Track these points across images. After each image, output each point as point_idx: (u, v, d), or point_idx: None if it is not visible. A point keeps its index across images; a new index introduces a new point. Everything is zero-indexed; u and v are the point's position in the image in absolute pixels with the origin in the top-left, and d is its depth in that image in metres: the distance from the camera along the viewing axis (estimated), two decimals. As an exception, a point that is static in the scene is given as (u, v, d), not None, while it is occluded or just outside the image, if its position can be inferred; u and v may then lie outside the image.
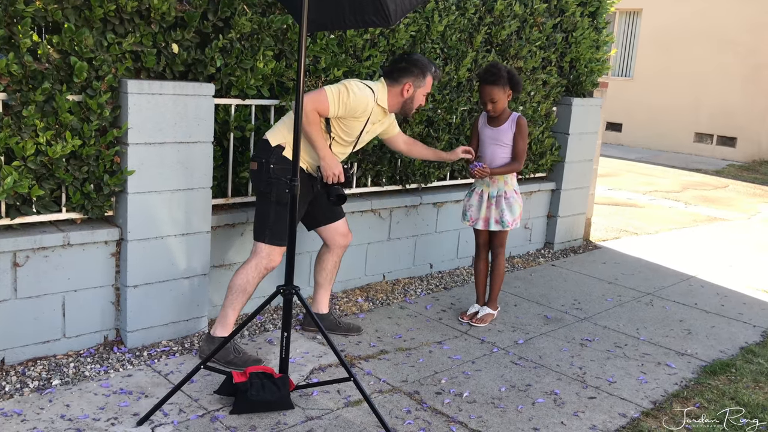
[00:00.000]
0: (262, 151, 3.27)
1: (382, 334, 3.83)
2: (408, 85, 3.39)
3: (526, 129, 3.91)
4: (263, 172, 3.25)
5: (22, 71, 2.83)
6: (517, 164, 3.92)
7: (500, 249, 4.08)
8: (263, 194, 3.28)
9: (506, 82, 3.82)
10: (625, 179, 10.21)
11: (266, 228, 3.26)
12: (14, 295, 3.04)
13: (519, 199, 4.03)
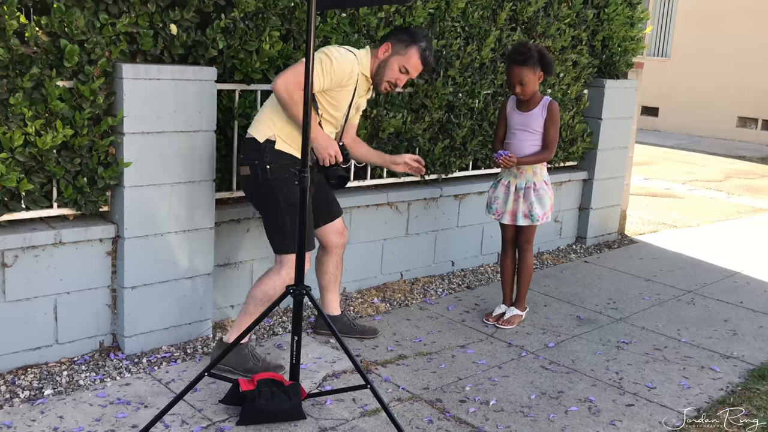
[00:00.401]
0: (251, 152, 3.10)
1: (400, 337, 3.76)
2: (387, 45, 3.23)
3: (558, 115, 3.81)
4: (260, 176, 3.09)
5: (9, 56, 2.79)
6: (547, 153, 3.82)
7: (528, 245, 3.99)
8: (267, 201, 3.13)
9: (536, 63, 3.72)
10: (663, 168, 10.05)
11: (286, 237, 3.12)
12: (2, 298, 3.01)
13: (550, 190, 3.93)
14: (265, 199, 3.13)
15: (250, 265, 3.84)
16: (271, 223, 3.17)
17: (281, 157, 3.08)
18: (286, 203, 3.08)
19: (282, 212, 3.10)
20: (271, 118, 3.09)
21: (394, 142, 4.31)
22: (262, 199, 3.16)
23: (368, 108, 4.14)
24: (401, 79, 3.28)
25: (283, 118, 3.08)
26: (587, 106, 5.53)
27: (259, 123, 3.13)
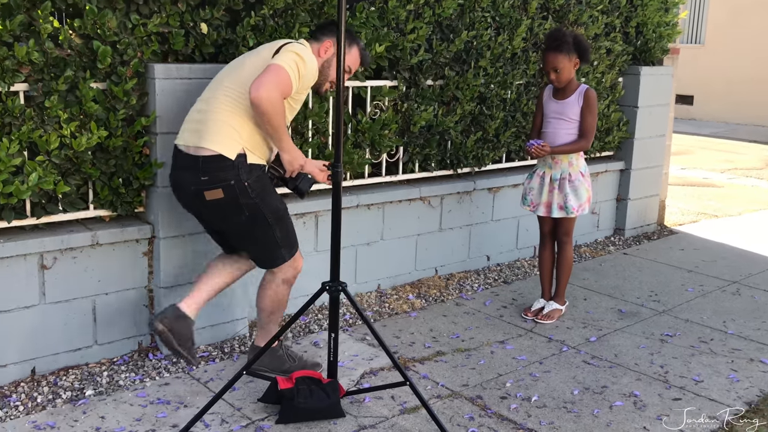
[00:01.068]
0: (220, 172, 2.74)
1: (437, 333, 3.74)
2: (329, 43, 2.97)
3: (595, 103, 3.75)
4: (239, 197, 2.78)
5: (44, 59, 2.83)
6: (584, 142, 3.76)
7: (566, 238, 3.94)
8: (254, 221, 2.85)
9: (572, 49, 3.67)
10: (700, 157, 9.88)
11: (278, 250, 2.95)
12: (43, 300, 3.06)
13: (586, 182, 3.87)
14: (251, 221, 2.85)
15: (285, 264, 3.84)
16: (259, 242, 2.93)
17: (255, 170, 2.82)
18: (274, 216, 2.88)
19: (271, 227, 2.89)
20: (235, 129, 2.76)
21: (426, 135, 4.28)
22: (246, 222, 2.85)
23: (398, 102, 4.13)
24: (345, 78, 2.95)
25: (249, 128, 2.79)
26: (623, 95, 5.45)
27: (221, 136, 2.75)
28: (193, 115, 2.87)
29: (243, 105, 2.77)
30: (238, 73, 2.82)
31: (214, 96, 2.81)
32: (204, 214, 2.92)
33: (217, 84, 2.85)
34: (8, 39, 2.76)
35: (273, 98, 2.66)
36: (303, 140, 3.79)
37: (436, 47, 4.14)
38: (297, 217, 3.82)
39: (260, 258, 3.01)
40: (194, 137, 2.79)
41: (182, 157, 2.82)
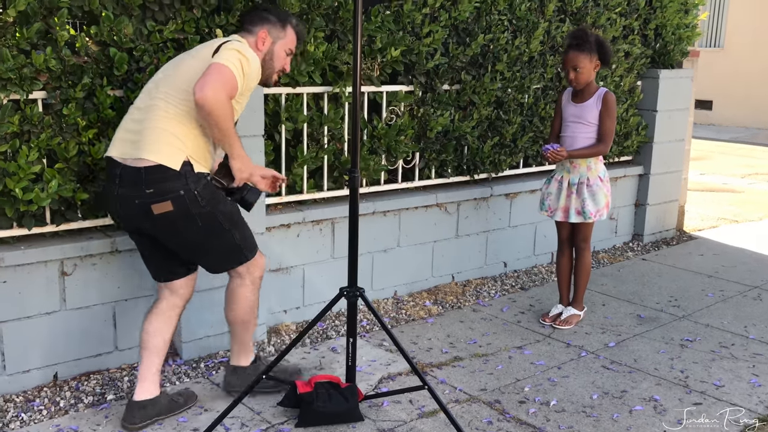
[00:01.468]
0: (167, 183, 2.54)
1: (454, 339, 3.74)
2: (264, 33, 2.80)
3: (614, 106, 3.72)
4: (191, 207, 2.59)
5: (61, 66, 2.88)
6: (602, 146, 3.74)
7: (584, 244, 3.92)
8: (210, 230, 2.68)
9: (593, 49, 3.66)
10: (719, 162, 9.79)
11: (240, 252, 2.80)
12: (63, 306, 3.09)
13: (605, 187, 3.84)
14: (206, 230, 2.67)
15: (302, 270, 3.86)
16: (218, 250, 2.77)
17: (201, 178, 2.63)
18: (229, 222, 2.73)
19: (228, 231, 2.74)
20: (177, 137, 2.57)
21: (442, 141, 4.29)
22: (201, 232, 2.66)
23: (414, 107, 4.14)
24: (287, 63, 2.91)
25: (193, 135, 2.61)
26: (641, 98, 5.43)
27: (163, 145, 2.55)
28: (128, 125, 2.64)
29: (184, 111, 2.57)
30: (176, 76, 2.63)
31: (153, 103, 2.60)
32: (150, 230, 2.67)
33: (154, 89, 2.64)
34: (26, 47, 2.81)
35: (220, 98, 2.47)
36: (319, 147, 3.81)
37: (453, 51, 4.15)
38: (314, 224, 3.85)
39: (221, 265, 2.83)
40: (132, 148, 2.57)
41: (120, 169, 2.58)
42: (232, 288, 2.89)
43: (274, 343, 3.62)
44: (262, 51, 2.82)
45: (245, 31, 2.85)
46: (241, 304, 2.89)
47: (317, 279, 3.93)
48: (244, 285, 2.87)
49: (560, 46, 4.71)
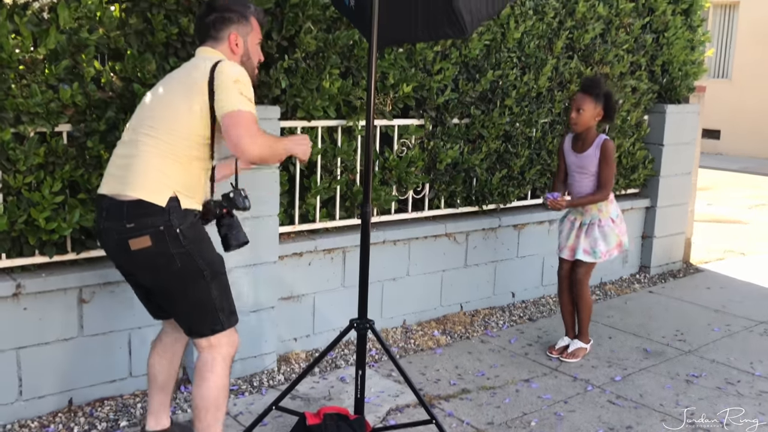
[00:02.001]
0: (147, 218, 2.42)
1: (462, 371, 3.79)
2: (233, 35, 2.65)
3: (612, 154, 3.81)
4: (171, 246, 2.44)
5: (86, 101, 2.99)
6: (600, 194, 3.84)
7: (581, 284, 3.96)
8: (186, 274, 2.49)
9: (601, 99, 3.78)
10: (727, 193, 9.84)
11: (215, 313, 2.56)
12: (81, 333, 3.18)
13: (618, 227, 3.94)
14: (182, 273, 2.49)
15: (312, 298, 3.94)
16: (192, 301, 2.54)
17: (189, 215, 2.51)
18: (210, 270, 2.53)
19: (207, 283, 2.53)
20: (164, 172, 2.45)
21: (452, 172, 4.38)
22: (177, 275, 2.49)
23: (425, 140, 4.24)
24: (261, 54, 2.82)
25: (180, 169, 2.49)
26: (648, 132, 5.51)
27: (148, 181, 2.44)
28: (116, 160, 2.55)
29: (170, 145, 2.47)
30: (161, 110, 2.51)
31: (138, 138, 2.50)
32: (129, 267, 2.58)
33: (138, 125, 2.53)
34: (54, 82, 2.92)
35: (257, 143, 2.44)
36: (332, 177, 3.90)
37: (462, 87, 4.26)
38: (325, 253, 3.93)
39: (193, 323, 2.58)
40: (118, 183, 2.48)
41: (107, 202, 2.49)
42: (201, 364, 2.59)
43: (284, 371, 3.68)
44: (238, 54, 2.68)
45: (212, 40, 2.66)
46: (211, 388, 2.57)
47: (327, 307, 4.00)
48: (215, 362, 2.58)
49: (568, 81, 4.81)
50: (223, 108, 2.45)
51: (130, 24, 3.08)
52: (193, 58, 2.66)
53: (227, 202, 2.67)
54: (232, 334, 2.63)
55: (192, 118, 2.47)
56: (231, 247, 2.69)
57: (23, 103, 2.81)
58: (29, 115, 2.86)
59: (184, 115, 2.47)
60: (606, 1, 4.90)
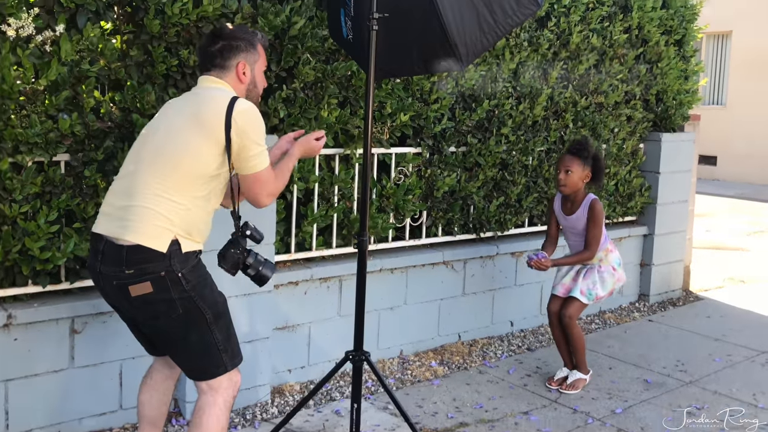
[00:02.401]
0: (147, 264, 2.35)
1: (460, 403, 3.75)
2: (242, 64, 2.61)
3: (599, 214, 3.85)
4: (172, 290, 2.38)
5: (85, 131, 2.99)
6: (586, 254, 3.88)
7: (571, 320, 3.94)
8: (190, 320, 2.44)
9: (589, 161, 3.85)
10: (725, 219, 9.86)
11: (219, 356, 2.50)
12: (71, 364, 3.14)
13: (617, 275, 3.99)
14: (184, 318, 2.43)
15: (308, 328, 3.91)
16: (194, 345, 2.48)
17: (191, 258, 2.45)
18: (213, 313, 2.48)
19: (210, 326, 2.47)
20: (165, 216, 2.38)
21: (449, 200, 4.38)
22: (179, 320, 2.43)
23: (422, 168, 4.24)
24: (265, 81, 2.79)
25: (183, 211, 2.41)
26: (644, 161, 5.54)
27: (149, 227, 2.36)
28: (115, 201, 2.45)
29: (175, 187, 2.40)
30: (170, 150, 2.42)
31: (138, 180, 2.42)
32: (129, 312, 2.52)
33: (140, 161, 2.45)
34: (53, 113, 2.93)
35: (274, 194, 2.58)
36: (329, 205, 3.90)
37: (459, 116, 4.28)
38: (321, 282, 3.91)
39: (196, 368, 2.53)
40: (117, 227, 2.39)
41: (104, 245, 2.41)
42: (201, 406, 2.52)
43: (277, 404, 3.64)
44: (245, 83, 2.65)
45: (218, 68, 2.60)
46: (210, 427, 2.51)
47: (323, 337, 3.97)
48: (216, 405, 2.51)
49: (563, 111, 4.84)
50: (244, 169, 2.49)
51: (130, 56, 3.11)
52: (197, 87, 2.62)
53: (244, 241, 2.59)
54: (235, 375, 2.57)
55: (202, 159, 2.41)
56: (265, 282, 2.65)
57: (22, 134, 2.82)
58: (28, 145, 2.86)
59: (193, 156, 2.40)
60: (600, 33, 4.95)
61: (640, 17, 5.17)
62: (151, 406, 2.73)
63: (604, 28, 4.98)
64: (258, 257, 2.62)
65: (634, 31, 5.20)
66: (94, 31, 2.93)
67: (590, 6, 4.89)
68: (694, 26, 5.65)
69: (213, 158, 2.43)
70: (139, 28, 3.14)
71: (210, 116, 2.43)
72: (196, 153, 2.41)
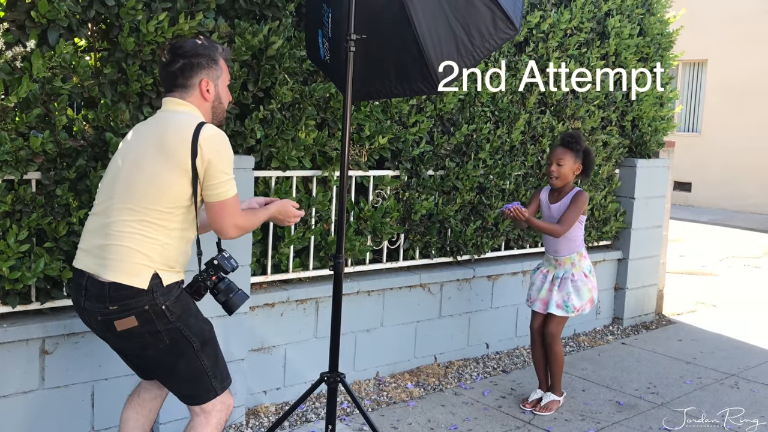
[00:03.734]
0: (130, 300, 2.33)
1: (435, 424, 3.69)
2: (205, 81, 2.51)
3: (582, 202, 3.80)
4: (157, 322, 2.37)
5: (57, 149, 2.92)
6: (558, 227, 3.76)
7: (553, 338, 3.90)
8: (176, 350, 2.43)
9: (580, 155, 3.81)
10: (698, 244, 9.92)
11: (209, 381, 2.49)
12: (41, 386, 3.05)
13: (590, 282, 3.90)
14: (173, 348, 2.42)
15: (284, 350, 3.84)
16: (184, 373, 2.47)
17: (173, 290, 2.42)
18: (199, 341, 2.46)
19: (197, 354, 2.46)
20: (143, 253, 2.35)
21: (426, 223, 4.35)
22: (165, 351, 2.42)
23: (400, 191, 4.21)
24: (230, 94, 2.69)
25: (161, 245, 2.38)
26: (619, 186, 5.55)
27: (128, 265, 2.34)
28: (92, 240, 2.42)
29: (152, 221, 2.37)
30: (142, 183, 2.37)
31: (113, 219, 2.37)
32: (115, 344, 2.51)
33: (113, 196, 2.40)
34: (24, 130, 2.86)
35: (240, 228, 2.49)
36: (306, 227, 3.85)
37: (437, 140, 4.26)
38: (297, 303, 3.85)
39: (187, 394, 2.52)
40: (97, 266, 2.37)
41: (86, 280, 2.39)
42: (193, 426, 2.52)
43: (252, 425, 3.56)
44: (210, 100, 2.54)
45: (180, 89, 2.50)
46: None
47: (299, 359, 3.90)
48: (208, 425, 2.51)
49: (540, 135, 4.85)
50: (210, 197, 2.42)
51: (104, 73, 3.04)
52: (162, 111, 2.54)
53: (214, 270, 2.55)
54: (226, 398, 2.55)
55: (173, 191, 2.36)
56: (234, 310, 2.59)
57: (-8, 151, 2.74)
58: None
59: (163, 188, 2.36)
60: (577, 59, 4.97)
61: (617, 44, 5.21)
62: (136, 424, 2.68)
63: (582, 54, 5.01)
64: (231, 285, 2.57)
65: (611, 58, 5.24)
66: (66, 47, 2.85)
67: (568, 32, 4.92)
68: (670, 54, 5.69)
69: (183, 189, 2.38)
70: (114, 46, 3.07)
71: (175, 145, 2.37)
72: (165, 185, 2.36)
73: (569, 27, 4.87)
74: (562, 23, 4.77)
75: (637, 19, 5.37)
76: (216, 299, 2.58)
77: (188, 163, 2.36)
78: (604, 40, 5.18)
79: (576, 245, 3.89)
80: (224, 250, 2.61)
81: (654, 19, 5.48)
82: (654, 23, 5.48)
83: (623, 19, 5.22)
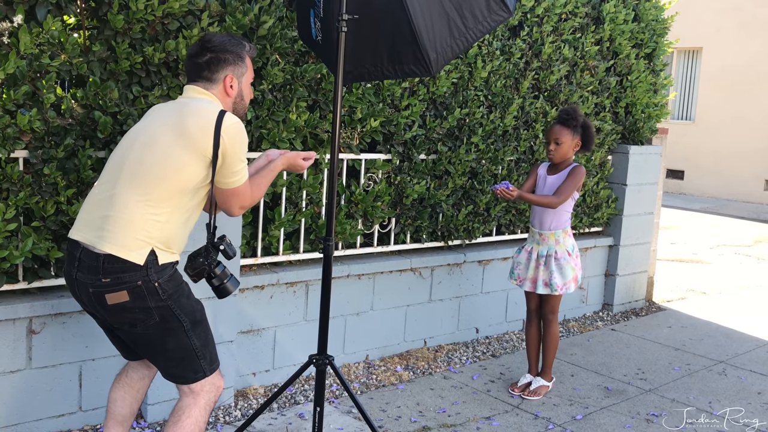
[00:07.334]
0: (123, 274, 2.32)
1: (423, 407, 3.71)
2: (229, 77, 2.55)
3: (579, 176, 3.77)
4: (148, 299, 2.36)
5: (45, 128, 2.90)
6: (554, 199, 3.73)
7: (551, 315, 3.94)
8: (167, 328, 2.42)
9: (578, 130, 3.78)
10: (690, 232, 9.96)
11: (198, 362, 2.49)
12: (29, 365, 3.04)
13: (573, 260, 3.89)
14: (161, 326, 2.41)
15: (273, 332, 3.84)
16: (173, 352, 2.46)
17: (167, 269, 2.42)
18: (190, 321, 2.46)
19: (187, 333, 2.45)
20: (144, 229, 2.34)
21: (418, 207, 4.35)
22: (155, 328, 2.41)
23: (392, 174, 4.20)
24: (252, 93, 2.74)
25: (161, 223, 2.37)
26: (611, 172, 5.55)
27: (128, 239, 2.32)
28: (94, 210, 2.40)
29: (157, 200, 2.36)
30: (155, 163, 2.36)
31: (117, 192, 2.36)
32: (106, 318, 2.46)
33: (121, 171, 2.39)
34: (11, 107, 2.83)
35: (248, 206, 2.56)
36: (297, 210, 3.84)
37: (430, 123, 4.25)
38: (287, 286, 3.84)
39: (175, 373, 2.51)
40: (95, 237, 2.35)
41: (81, 252, 2.37)
42: (181, 407, 2.51)
43: (241, 407, 3.57)
44: (232, 96, 2.59)
45: (205, 80, 2.54)
46: (187, 427, 2.49)
47: (288, 342, 3.91)
48: (196, 406, 2.50)
49: (534, 121, 4.84)
50: (224, 184, 2.46)
51: (93, 51, 3.01)
52: (183, 97, 2.55)
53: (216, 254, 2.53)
54: (216, 379, 2.55)
55: (185, 173, 2.36)
56: (226, 296, 2.58)
57: (-22, 128, 2.72)
58: (-17, 141, 2.77)
59: (176, 169, 2.35)
60: (571, 44, 4.96)
61: (611, 29, 5.19)
62: (123, 403, 2.68)
63: (576, 39, 5.00)
64: (225, 270, 2.56)
65: (606, 44, 5.23)
66: (55, 24, 2.81)
67: (563, 17, 4.90)
68: (665, 41, 5.68)
69: (197, 172, 2.38)
70: (103, 23, 3.04)
71: (196, 130, 2.37)
72: (179, 166, 2.36)
73: (564, 11, 4.85)
74: (557, 7, 4.75)
75: (632, 4, 5.36)
76: (209, 283, 2.56)
77: (208, 150, 2.37)
78: (599, 26, 5.16)
79: (563, 221, 3.87)
80: (224, 236, 2.60)
81: (649, 5, 5.47)
82: (649, 9, 5.47)
83: (618, 4, 5.20)
